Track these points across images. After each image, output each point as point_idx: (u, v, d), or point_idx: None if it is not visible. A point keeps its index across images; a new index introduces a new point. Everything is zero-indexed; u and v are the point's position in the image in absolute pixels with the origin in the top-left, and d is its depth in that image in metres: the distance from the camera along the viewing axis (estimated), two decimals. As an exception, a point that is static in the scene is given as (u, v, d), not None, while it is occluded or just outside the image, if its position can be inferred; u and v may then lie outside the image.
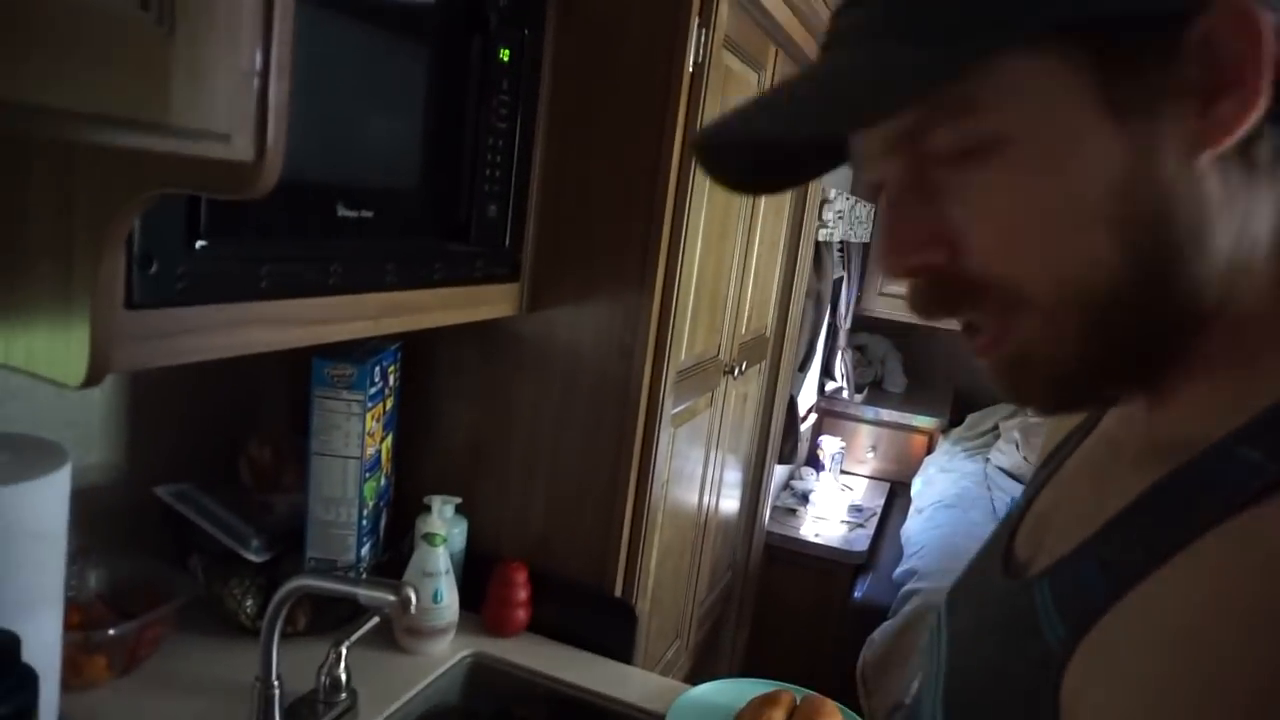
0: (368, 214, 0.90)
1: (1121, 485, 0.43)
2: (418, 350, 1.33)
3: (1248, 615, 0.33)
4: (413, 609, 0.92)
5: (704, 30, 1.17)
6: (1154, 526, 0.40)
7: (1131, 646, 0.37)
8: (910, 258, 0.45)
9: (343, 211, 0.87)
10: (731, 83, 1.33)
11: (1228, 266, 0.41)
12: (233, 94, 0.50)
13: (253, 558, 1.15)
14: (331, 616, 1.20)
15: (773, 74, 1.57)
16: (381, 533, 1.30)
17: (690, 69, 1.17)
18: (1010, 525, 0.57)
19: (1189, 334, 0.43)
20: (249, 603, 1.15)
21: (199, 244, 0.70)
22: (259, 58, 0.52)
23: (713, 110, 1.25)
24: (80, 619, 0.98)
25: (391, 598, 0.92)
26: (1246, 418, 0.39)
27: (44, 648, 0.83)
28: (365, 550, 1.23)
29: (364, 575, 1.22)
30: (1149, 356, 0.44)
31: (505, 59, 1.07)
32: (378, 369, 1.20)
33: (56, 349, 0.61)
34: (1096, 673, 0.38)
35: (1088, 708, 0.38)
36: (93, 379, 0.61)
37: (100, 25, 0.41)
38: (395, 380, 1.28)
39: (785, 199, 1.91)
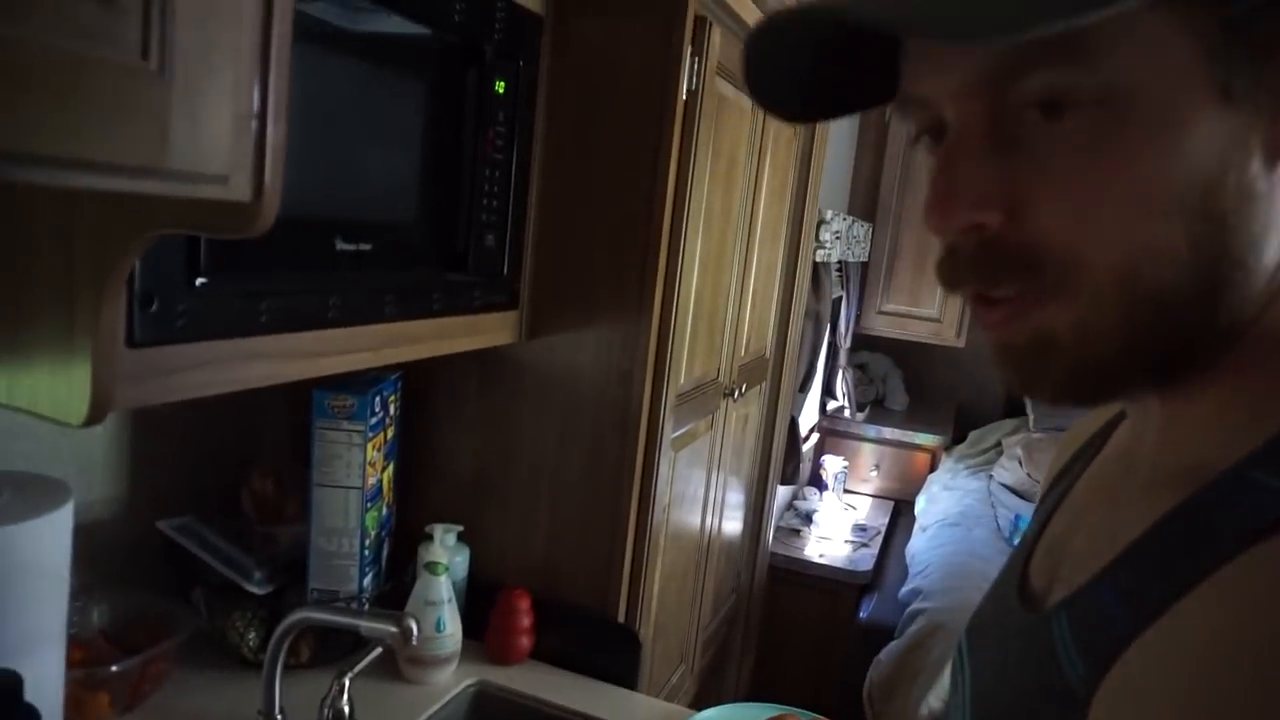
0: (366, 247, 0.91)
1: (1136, 511, 0.42)
2: (418, 379, 1.33)
3: (1269, 648, 0.32)
4: (414, 640, 0.92)
5: (697, 58, 1.19)
6: (1171, 557, 0.38)
7: (1155, 684, 0.36)
8: (966, 213, 0.40)
9: (341, 245, 0.88)
10: (725, 109, 1.35)
11: (1270, 284, 0.40)
12: (230, 137, 0.51)
13: (255, 590, 1.15)
14: (335, 648, 1.20)
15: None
16: (384, 562, 1.30)
17: (684, 96, 1.18)
18: (1025, 551, 0.55)
19: (1220, 346, 0.41)
20: (252, 635, 1.15)
21: (199, 281, 0.71)
22: (256, 100, 0.53)
23: (706, 137, 1.26)
24: (83, 656, 0.98)
25: (393, 629, 0.92)
26: (1262, 439, 0.38)
27: (46, 686, 0.83)
28: (368, 580, 1.23)
29: (367, 605, 1.22)
30: (1177, 363, 0.41)
31: (501, 91, 1.08)
32: (378, 399, 1.20)
33: (58, 389, 0.61)
34: (1121, 712, 0.37)
35: None
36: (95, 418, 0.61)
37: (99, 74, 0.42)
38: (396, 410, 1.28)
39: (781, 221, 1.92)
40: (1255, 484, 0.36)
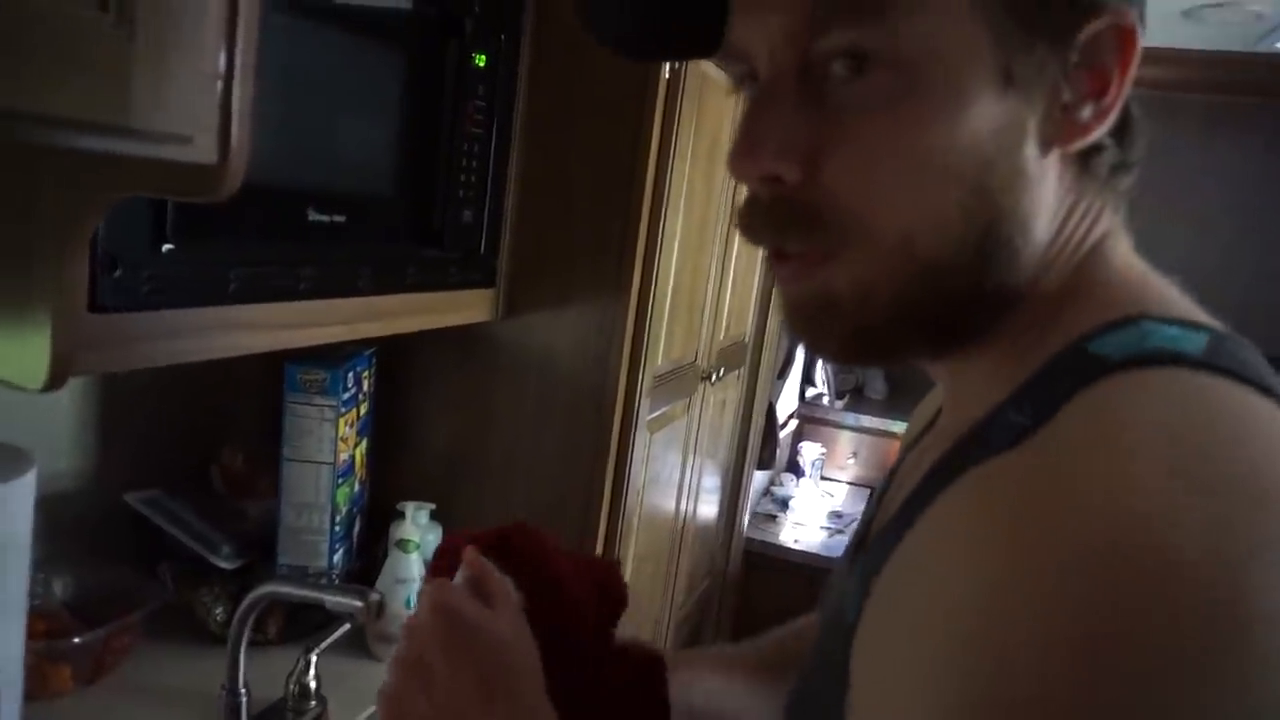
0: (340, 219, 0.89)
1: (928, 463, 0.45)
2: (393, 356, 1.32)
3: (961, 541, 0.35)
4: (382, 614, 0.91)
5: (680, 37, 1.18)
6: (931, 489, 0.41)
7: (883, 601, 0.40)
8: (767, 163, 0.42)
9: (314, 216, 0.86)
10: (709, 89, 1.34)
11: (1041, 259, 0.43)
12: (195, 96, 0.50)
13: (223, 564, 1.14)
14: (304, 624, 1.19)
15: (750, 81, 1.57)
16: (355, 539, 1.29)
17: (667, 75, 1.17)
18: (867, 517, 0.58)
19: (992, 312, 0.43)
20: (219, 610, 1.14)
21: (165, 247, 0.69)
22: (223, 60, 0.51)
23: (689, 117, 1.25)
24: (45, 628, 0.97)
25: (359, 603, 0.91)
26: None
27: (6, 657, 0.82)
28: (338, 557, 1.22)
29: (335, 582, 1.21)
30: (952, 326, 0.44)
31: (481, 65, 1.07)
32: (351, 374, 1.19)
33: (17, 352, 0.60)
34: (868, 629, 0.40)
35: (861, 663, 0.40)
36: (54, 383, 0.60)
37: (57, 28, 0.41)
38: (369, 386, 1.27)
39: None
40: (1005, 421, 0.39)
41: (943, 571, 0.35)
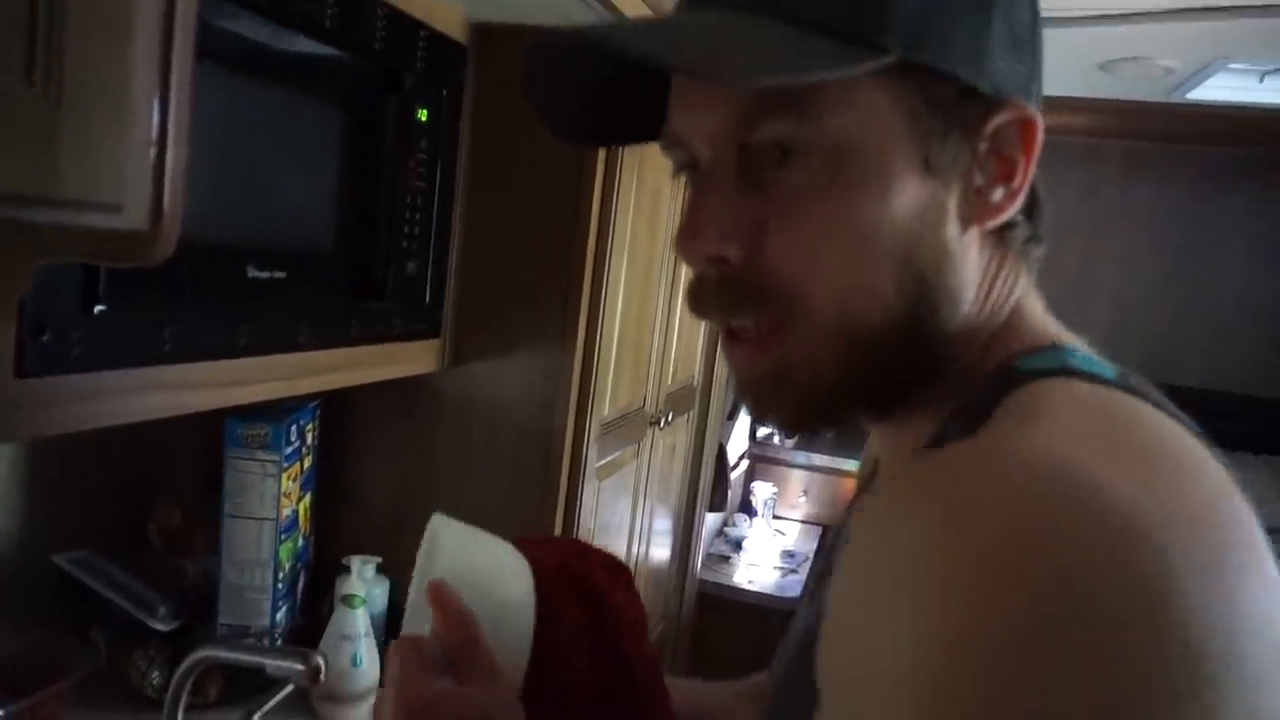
0: (280, 274, 0.89)
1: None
2: (337, 408, 1.30)
3: (880, 526, 0.39)
4: (322, 677, 0.90)
5: (621, 91, 1.20)
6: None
7: (846, 571, 0.42)
8: (713, 245, 0.45)
9: (253, 273, 0.86)
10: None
11: (966, 327, 0.46)
12: (125, 163, 0.50)
13: (160, 626, 1.11)
14: (245, 686, 1.16)
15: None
16: (299, 596, 1.26)
17: (608, 128, 1.19)
18: (824, 558, 0.62)
19: (924, 377, 0.47)
20: (155, 674, 1.10)
21: (97, 309, 0.68)
22: (155, 125, 0.51)
23: (630, 168, 1.27)
24: (-32, 699, 0.93)
25: (299, 666, 0.89)
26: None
27: (-75, 733, 0.78)
28: (281, 614, 1.19)
29: (279, 641, 1.18)
30: (889, 391, 0.47)
31: (423, 119, 1.08)
32: (294, 428, 1.18)
33: (-60, 419, 0.58)
34: (823, 630, 0.42)
35: (823, 651, 0.41)
36: (-21, 451, 0.59)
37: (-19, 99, 0.41)
38: (314, 439, 1.25)
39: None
40: (946, 433, 0.43)
41: (882, 542, 0.38)
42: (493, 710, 0.53)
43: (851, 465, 3.77)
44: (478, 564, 0.61)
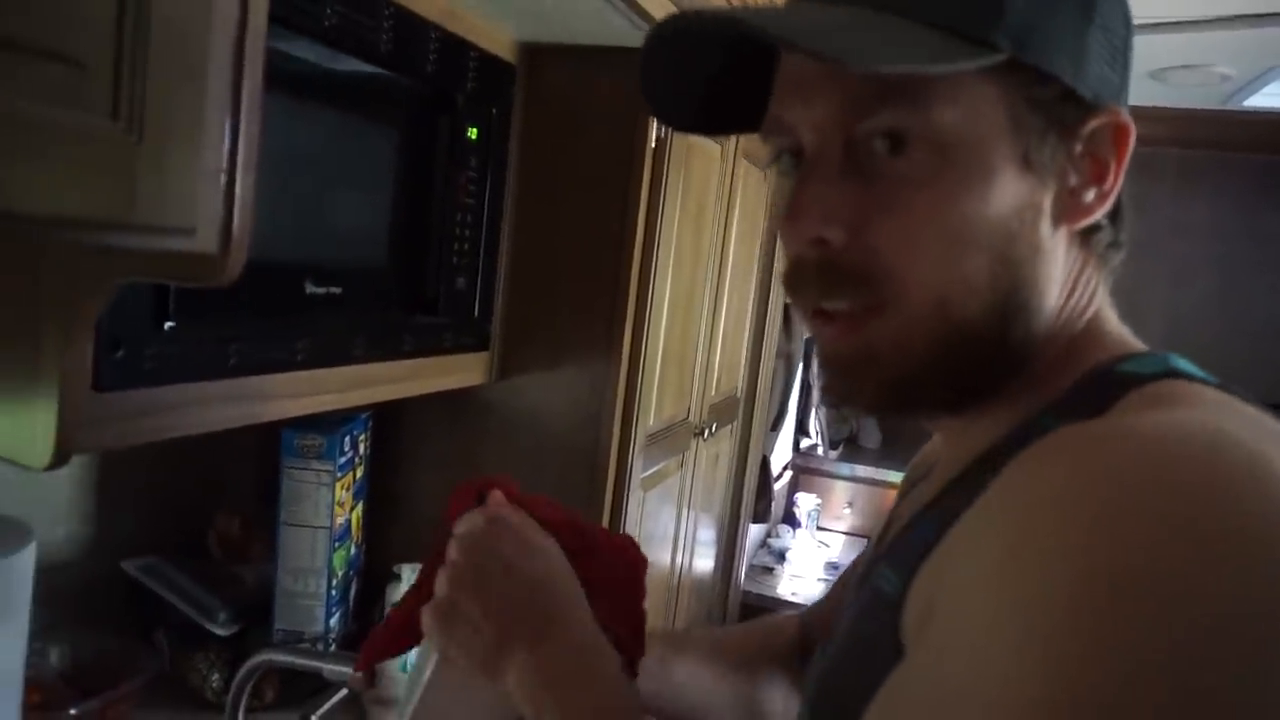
0: (336, 290, 0.92)
1: (932, 489, 0.49)
2: (388, 419, 1.34)
3: (1014, 521, 0.38)
4: (376, 683, 0.92)
5: (665, 108, 1.22)
6: (970, 484, 0.44)
7: (946, 569, 0.42)
8: (817, 227, 0.46)
9: (311, 288, 0.89)
10: (695, 155, 1.38)
11: (1049, 326, 0.47)
12: (199, 191, 0.52)
13: (219, 631, 1.14)
14: (301, 689, 1.19)
15: (735, 145, 1.62)
16: (351, 602, 1.29)
17: (653, 144, 1.21)
18: (869, 554, 0.62)
19: (1008, 372, 0.48)
20: (215, 677, 1.14)
21: (168, 325, 0.71)
22: (226, 155, 0.54)
23: (675, 183, 1.29)
24: (40, 698, 0.97)
25: (354, 671, 0.91)
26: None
27: (3, 730, 0.82)
28: (334, 621, 1.22)
29: (333, 646, 1.21)
30: (974, 382, 0.48)
31: (473, 137, 1.11)
32: (347, 438, 1.21)
33: (22, 432, 0.61)
34: (923, 597, 0.42)
35: (929, 619, 0.41)
36: (58, 462, 0.62)
37: (71, 136, 0.43)
38: (365, 449, 1.29)
39: (752, 263, 1.95)
40: (1041, 425, 0.44)
41: (1025, 519, 0.37)
42: (563, 563, 0.58)
43: (896, 477, 3.73)
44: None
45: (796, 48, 0.42)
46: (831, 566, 3.23)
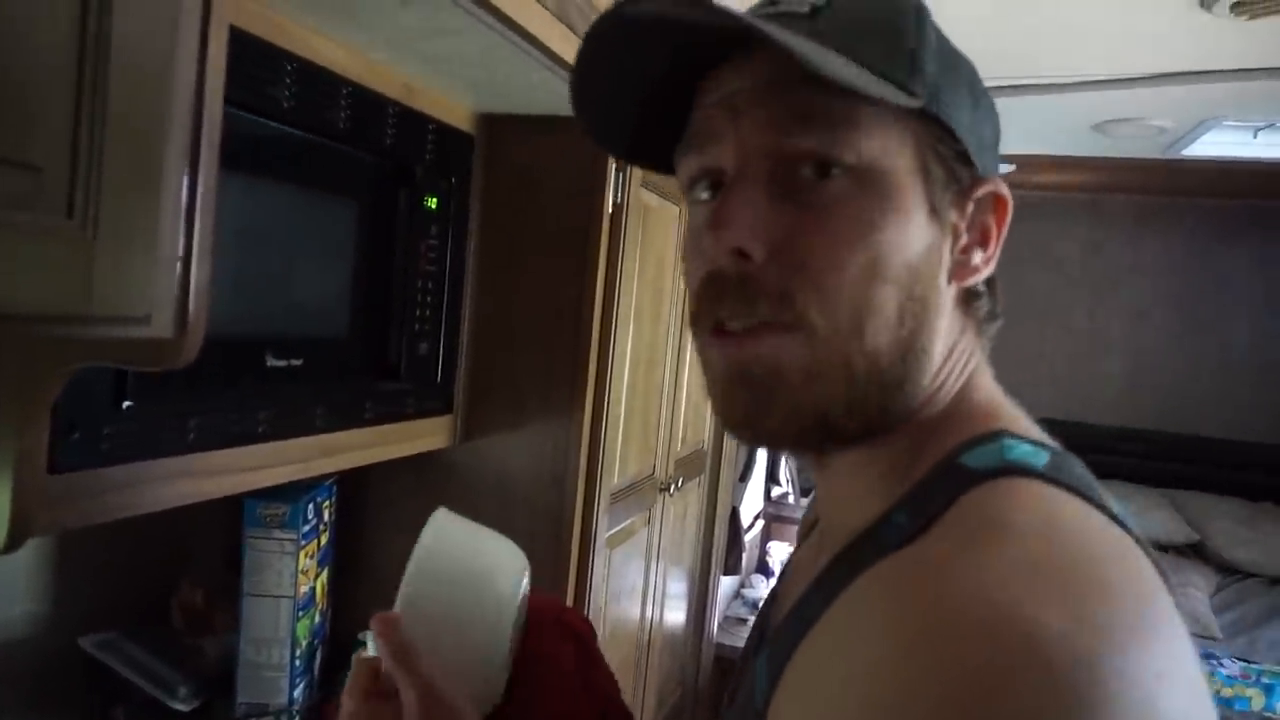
0: (297, 361, 0.93)
1: (820, 564, 0.50)
2: (353, 483, 1.33)
3: (868, 631, 0.40)
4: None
5: (621, 173, 1.25)
6: (832, 584, 0.46)
7: (805, 676, 0.44)
8: (743, 238, 0.46)
9: (272, 361, 0.90)
10: (651, 218, 1.41)
11: (929, 383, 0.49)
12: (154, 280, 0.54)
13: (180, 707, 1.12)
14: (263, 763, 1.17)
15: (694, 204, 1.65)
16: (316, 672, 1.28)
17: (610, 209, 1.24)
18: (765, 610, 0.62)
19: (896, 417, 0.49)
20: (175, 755, 1.12)
21: (125, 404, 0.72)
22: (181, 244, 0.56)
23: (634, 244, 1.32)
24: (-6, 784, 0.95)
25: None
26: (907, 492, 0.47)
27: (-47, 819, 0.80)
28: (298, 692, 1.21)
29: (296, 718, 1.19)
30: (865, 422, 0.48)
31: (433, 206, 1.13)
32: (311, 506, 1.21)
33: (-24, 516, 0.62)
34: (786, 705, 0.44)
35: None
36: (12, 545, 0.62)
37: (27, 235, 0.45)
38: (330, 515, 1.28)
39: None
40: (894, 523, 0.45)
41: (855, 658, 0.39)
42: None
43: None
44: (467, 558, 0.65)
45: (769, 39, 0.42)
46: (806, 615, 3.22)
